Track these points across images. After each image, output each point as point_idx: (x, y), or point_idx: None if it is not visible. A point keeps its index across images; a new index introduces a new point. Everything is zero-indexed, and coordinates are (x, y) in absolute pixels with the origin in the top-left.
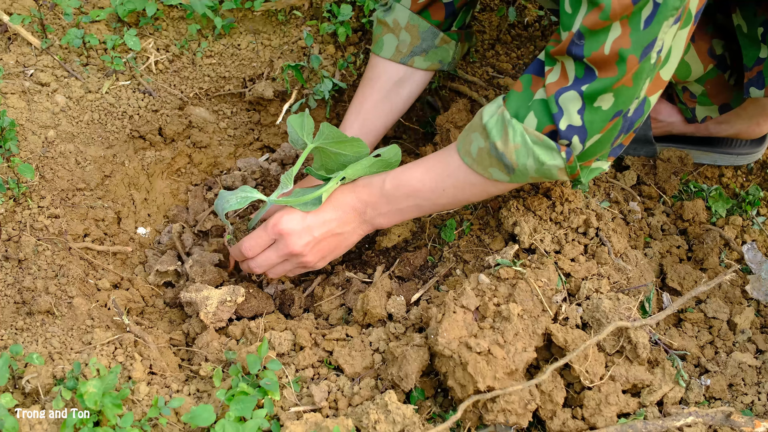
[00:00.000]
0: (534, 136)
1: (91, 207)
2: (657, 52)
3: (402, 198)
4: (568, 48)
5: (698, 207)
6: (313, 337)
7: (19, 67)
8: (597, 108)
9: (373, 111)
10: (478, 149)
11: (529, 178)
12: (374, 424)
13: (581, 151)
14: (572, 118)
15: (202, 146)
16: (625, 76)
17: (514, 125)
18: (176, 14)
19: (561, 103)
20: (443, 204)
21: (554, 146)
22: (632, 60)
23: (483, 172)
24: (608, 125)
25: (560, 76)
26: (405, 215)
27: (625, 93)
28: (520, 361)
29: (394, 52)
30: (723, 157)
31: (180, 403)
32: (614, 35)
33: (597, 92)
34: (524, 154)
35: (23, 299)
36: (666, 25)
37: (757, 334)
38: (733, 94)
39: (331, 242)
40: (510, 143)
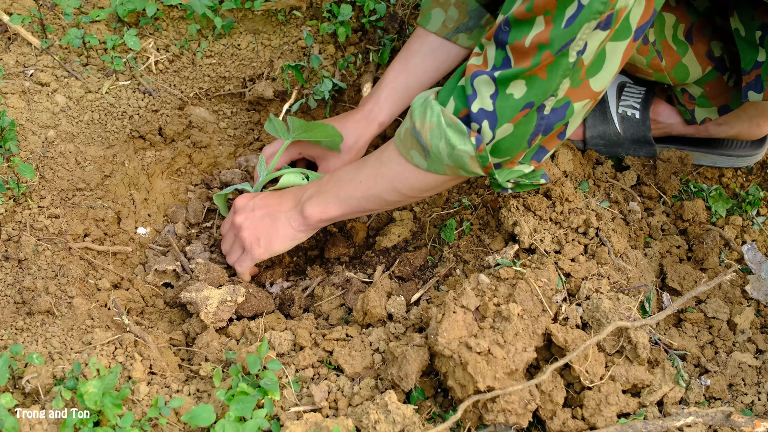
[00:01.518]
0: (448, 118)
1: (91, 207)
2: (577, 51)
3: (329, 186)
4: (496, 33)
5: (698, 207)
6: (313, 337)
7: (19, 67)
8: (509, 95)
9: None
10: (405, 129)
11: (445, 167)
12: (374, 424)
13: (491, 139)
14: (484, 102)
15: (202, 146)
16: (538, 66)
17: (433, 106)
18: (176, 14)
19: (476, 86)
20: (358, 197)
21: (465, 130)
22: (547, 55)
23: (405, 154)
24: (519, 115)
25: (482, 62)
26: (328, 205)
27: (538, 84)
28: (520, 361)
29: (440, 26)
30: (723, 159)
31: (180, 403)
32: (537, 29)
33: (509, 78)
34: (437, 135)
35: (23, 299)
36: (588, 26)
37: (757, 334)
38: (732, 96)
39: (265, 222)
40: (426, 123)
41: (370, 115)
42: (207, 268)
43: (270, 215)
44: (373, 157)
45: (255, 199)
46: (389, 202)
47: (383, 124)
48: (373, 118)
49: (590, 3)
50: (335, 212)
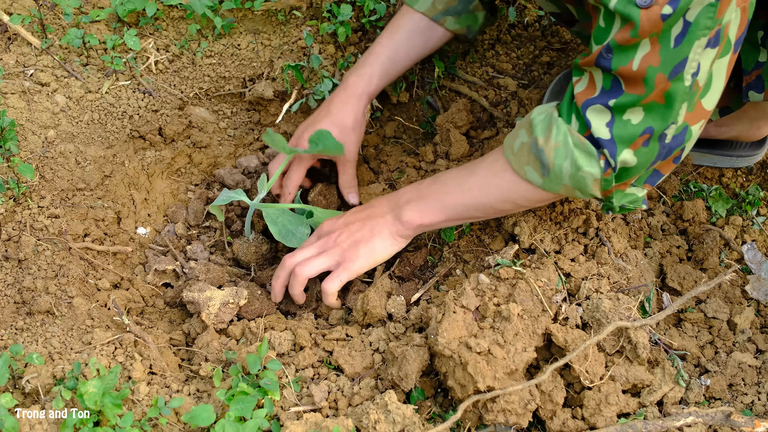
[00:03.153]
0: (576, 138)
1: (91, 207)
2: (691, 74)
3: (431, 191)
4: (597, 60)
5: (698, 207)
6: (313, 337)
7: (19, 67)
8: (626, 121)
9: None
10: (521, 144)
11: (562, 187)
12: (374, 424)
13: (614, 165)
14: (600, 131)
15: (202, 146)
16: (653, 92)
17: (559, 124)
18: (176, 14)
19: (588, 115)
20: (465, 204)
21: (594, 153)
22: (660, 78)
23: (518, 169)
24: (639, 141)
25: (587, 86)
26: (431, 211)
27: (657, 110)
28: (520, 361)
29: (429, 6)
30: (723, 159)
31: (180, 403)
32: (643, 52)
33: (625, 106)
34: (563, 154)
35: (23, 299)
36: (698, 45)
37: (757, 334)
38: (733, 97)
39: (363, 226)
40: (551, 141)
41: (358, 91)
42: (207, 267)
43: (366, 224)
44: (483, 165)
45: (342, 218)
46: (500, 210)
47: (371, 96)
48: (362, 93)
49: (697, 19)
50: (438, 218)
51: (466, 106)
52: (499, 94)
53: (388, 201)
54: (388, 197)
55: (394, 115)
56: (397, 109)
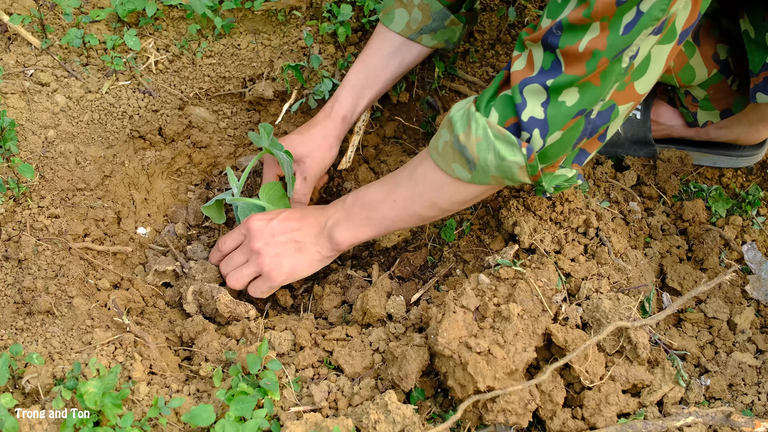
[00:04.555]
0: (496, 130)
1: (91, 207)
2: (630, 57)
3: (357, 210)
4: (545, 36)
5: (698, 207)
6: (313, 337)
7: (19, 67)
8: (561, 102)
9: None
10: (444, 143)
11: (491, 178)
12: (374, 424)
13: (541, 147)
14: (535, 110)
15: (202, 146)
16: (593, 73)
17: (477, 118)
18: (176, 14)
19: (525, 94)
20: (394, 217)
21: (515, 141)
22: (602, 61)
23: (446, 168)
24: (570, 122)
25: (526, 65)
26: (359, 229)
27: (591, 91)
28: (520, 361)
29: (404, 27)
30: (723, 159)
31: (180, 403)
32: (592, 35)
33: (562, 86)
34: (485, 147)
35: (23, 299)
36: (645, 33)
37: (757, 334)
38: (735, 100)
39: (289, 248)
40: (472, 136)
41: (332, 113)
42: (203, 267)
43: (294, 241)
44: (404, 174)
45: (272, 222)
46: (425, 218)
47: (346, 118)
48: (335, 114)
49: (650, 9)
50: (368, 235)
51: None
52: None
53: (316, 220)
54: (316, 216)
55: (394, 115)
56: (397, 109)
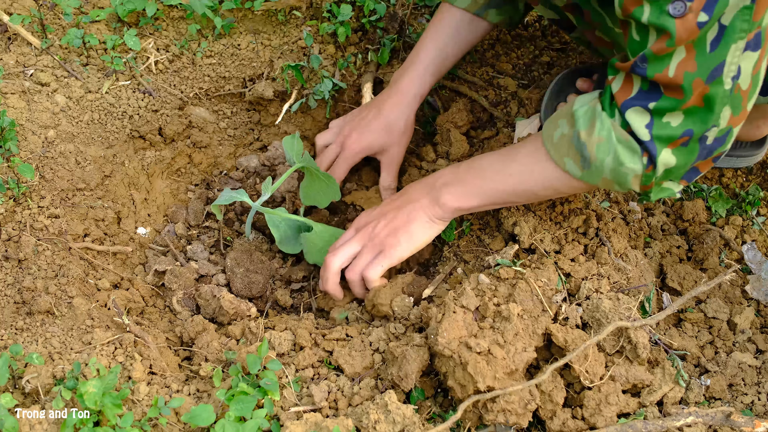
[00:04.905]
0: (620, 134)
1: (91, 207)
2: (731, 78)
3: (470, 176)
4: (632, 67)
5: (698, 207)
6: (313, 337)
7: (19, 67)
8: (665, 123)
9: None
10: (561, 135)
11: (600, 180)
12: (374, 424)
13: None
14: (640, 132)
15: (202, 146)
16: (692, 97)
17: (603, 119)
18: (176, 14)
19: (627, 117)
20: (505, 190)
21: (638, 149)
22: (697, 82)
23: (558, 160)
24: (678, 141)
25: (623, 85)
26: (468, 195)
27: (696, 113)
28: (520, 361)
29: (470, 2)
30: (723, 159)
31: (180, 403)
32: (678, 58)
33: (665, 110)
34: (606, 149)
35: (23, 299)
36: (735, 48)
37: (757, 334)
38: None
39: (399, 212)
40: (594, 135)
41: (411, 93)
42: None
43: (402, 210)
44: (523, 152)
45: (377, 209)
46: (540, 196)
47: (423, 96)
48: (415, 95)
49: (732, 22)
50: (476, 203)
51: (467, 105)
52: (499, 94)
53: (423, 185)
54: (423, 181)
55: None
56: None
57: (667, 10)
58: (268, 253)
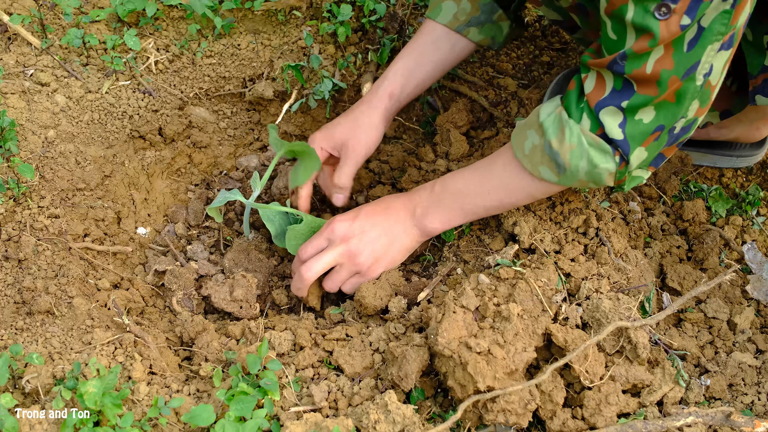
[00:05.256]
0: (590, 138)
1: (91, 207)
2: (704, 75)
3: (448, 199)
4: (609, 64)
5: (698, 207)
6: (313, 337)
7: (19, 67)
8: (638, 121)
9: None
10: (532, 146)
11: (577, 181)
12: (374, 424)
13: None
14: (613, 132)
15: (202, 146)
16: (666, 92)
17: (571, 126)
18: (176, 14)
19: (601, 117)
20: (487, 206)
21: (609, 150)
22: (673, 79)
23: (532, 170)
24: (650, 138)
25: (596, 84)
26: (452, 217)
27: (668, 108)
28: (520, 361)
29: (451, 18)
30: (723, 159)
31: (180, 403)
32: (656, 56)
33: (637, 107)
34: (578, 155)
35: (23, 299)
36: (711, 49)
37: (757, 334)
38: (735, 100)
39: (382, 242)
40: (566, 143)
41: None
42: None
43: (386, 234)
44: (497, 167)
45: (357, 222)
46: (519, 204)
47: (394, 94)
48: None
49: (711, 25)
50: (457, 222)
51: (466, 105)
52: (499, 94)
53: (404, 211)
54: (402, 206)
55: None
56: None
57: (651, 11)
58: (267, 252)
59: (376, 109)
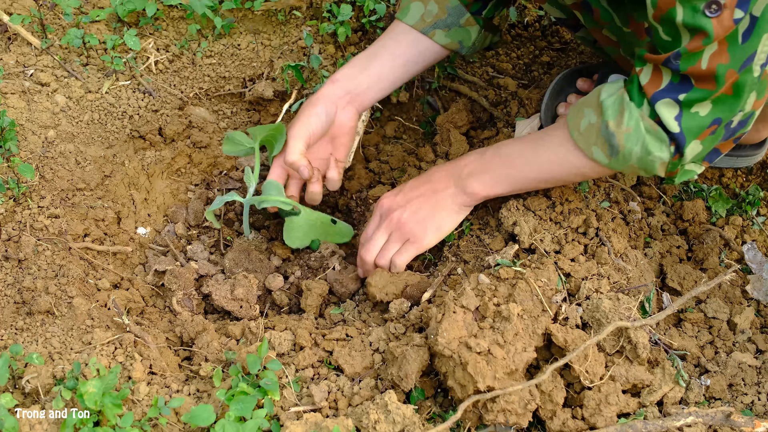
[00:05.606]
0: (648, 124)
1: (91, 207)
2: (760, 65)
3: (496, 164)
4: (665, 62)
5: (698, 207)
6: (313, 337)
7: (19, 67)
8: (694, 114)
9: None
10: (588, 124)
11: (628, 166)
12: (374, 424)
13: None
14: (669, 124)
15: (202, 146)
16: (724, 87)
17: (631, 109)
18: (176, 14)
19: (657, 109)
20: (532, 177)
21: (665, 138)
22: (730, 73)
23: (585, 149)
24: (707, 131)
25: (653, 76)
26: (497, 184)
27: (725, 101)
28: (520, 361)
29: (418, 20)
30: (723, 159)
31: (180, 403)
32: (710, 51)
33: (694, 101)
34: (634, 139)
35: (23, 299)
36: (766, 37)
37: (757, 334)
38: None
39: (426, 201)
40: (623, 125)
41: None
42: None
43: (429, 199)
44: (548, 141)
45: (401, 193)
46: (566, 182)
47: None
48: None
49: (763, 13)
50: (503, 190)
51: (467, 105)
52: (499, 94)
53: (448, 173)
54: (447, 168)
55: (394, 115)
56: (397, 109)
57: (702, 10)
58: (267, 252)
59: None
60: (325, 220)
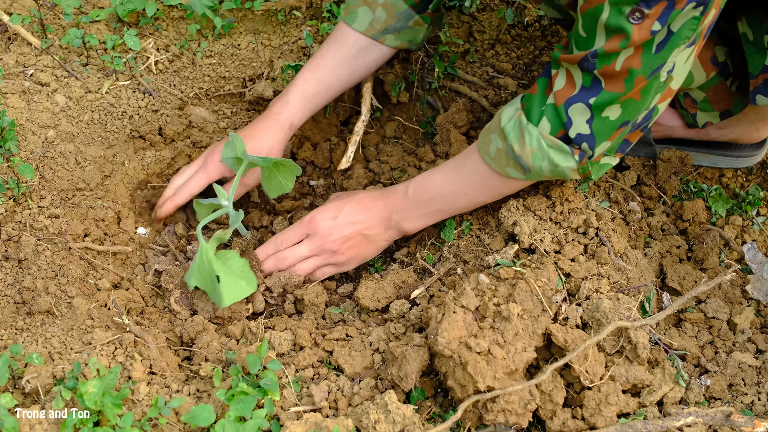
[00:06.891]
0: (549, 141)
1: (91, 207)
2: (667, 71)
3: (424, 203)
4: (580, 62)
5: (698, 207)
6: (313, 337)
7: (19, 67)
8: (605, 118)
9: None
10: (497, 150)
11: (544, 177)
12: (374, 424)
13: (592, 156)
14: (581, 128)
15: (202, 146)
16: (632, 91)
17: (530, 130)
18: (176, 14)
19: (570, 114)
20: (462, 206)
21: (568, 150)
22: (639, 78)
23: (500, 171)
24: (616, 133)
25: (566, 83)
26: (429, 219)
27: (633, 105)
28: (520, 361)
29: (367, 26)
30: (723, 159)
31: (180, 403)
32: (626, 54)
33: (604, 104)
34: (540, 157)
35: (23, 299)
36: (678, 51)
37: (757, 334)
38: (735, 101)
39: (359, 242)
40: (526, 147)
41: (281, 118)
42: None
43: (365, 237)
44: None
45: (338, 220)
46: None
47: (294, 126)
48: (284, 120)
49: (680, 30)
50: (434, 221)
51: (466, 105)
52: (499, 94)
53: (381, 213)
54: (380, 208)
55: (394, 115)
56: (397, 109)
57: (626, 15)
58: None
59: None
60: (213, 276)
